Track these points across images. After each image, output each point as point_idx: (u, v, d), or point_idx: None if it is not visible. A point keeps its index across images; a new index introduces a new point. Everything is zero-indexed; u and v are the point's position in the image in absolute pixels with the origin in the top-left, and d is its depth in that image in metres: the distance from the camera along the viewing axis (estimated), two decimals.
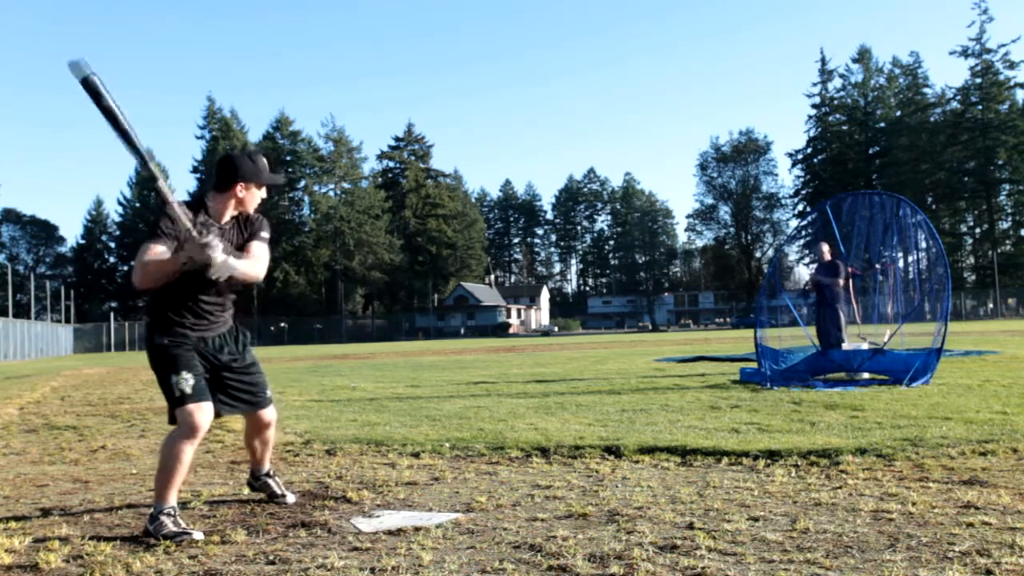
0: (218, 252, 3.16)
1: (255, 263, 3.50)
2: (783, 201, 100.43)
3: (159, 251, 3.29)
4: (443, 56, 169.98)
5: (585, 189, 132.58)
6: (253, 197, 3.63)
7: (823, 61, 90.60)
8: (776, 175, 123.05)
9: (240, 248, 3.56)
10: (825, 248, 10.72)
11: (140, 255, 3.30)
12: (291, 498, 3.95)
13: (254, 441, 3.92)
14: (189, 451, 3.37)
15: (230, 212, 3.59)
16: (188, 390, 3.39)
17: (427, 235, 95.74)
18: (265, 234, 3.66)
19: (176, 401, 3.39)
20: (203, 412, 3.40)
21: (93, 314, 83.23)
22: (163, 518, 3.27)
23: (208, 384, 3.51)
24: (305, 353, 34.33)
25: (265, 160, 3.69)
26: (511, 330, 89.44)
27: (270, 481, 3.99)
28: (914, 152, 79.99)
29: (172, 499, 3.35)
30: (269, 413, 3.83)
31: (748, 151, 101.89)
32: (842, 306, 10.66)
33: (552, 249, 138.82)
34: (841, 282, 10.61)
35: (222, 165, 3.57)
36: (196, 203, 3.50)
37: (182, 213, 3.20)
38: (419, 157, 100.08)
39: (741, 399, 7.64)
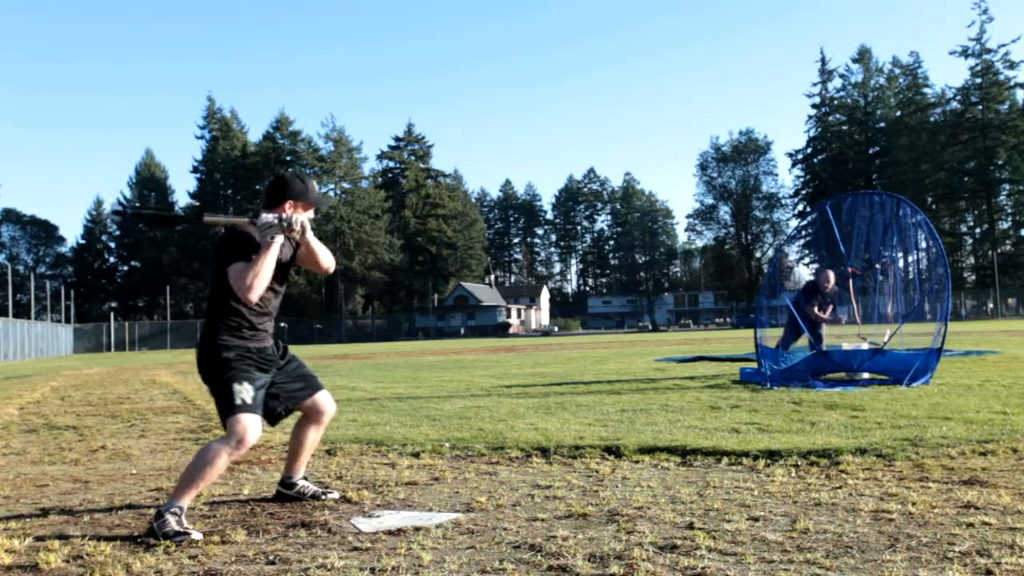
0: (298, 216, 3.56)
1: (325, 249, 3.86)
2: (783, 201, 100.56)
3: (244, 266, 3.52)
4: (443, 56, 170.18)
5: (585, 189, 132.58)
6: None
7: (823, 61, 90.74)
8: (776, 175, 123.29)
9: (292, 256, 3.80)
10: (831, 276, 10.49)
11: (240, 275, 3.46)
12: (335, 494, 3.97)
13: (306, 436, 3.92)
14: (226, 460, 3.41)
15: None
16: (249, 400, 3.48)
17: (427, 235, 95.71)
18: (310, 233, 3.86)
19: (234, 408, 3.45)
20: (254, 426, 3.46)
21: (93, 314, 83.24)
22: (168, 516, 3.29)
23: (265, 394, 3.63)
24: (305, 353, 34.27)
25: (315, 182, 3.87)
26: (511, 330, 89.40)
27: (308, 484, 3.99)
28: (914, 152, 79.97)
29: (185, 501, 3.38)
30: (326, 398, 3.93)
31: (748, 151, 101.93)
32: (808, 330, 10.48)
33: (552, 249, 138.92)
34: (826, 315, 10.47)
35: (273, 185, 3.72)
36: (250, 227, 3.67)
37: (241, 221, 3.59)
38: (419, 157, 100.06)
39: (741, 399, 7.63)
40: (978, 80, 78.05)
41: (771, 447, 4.85)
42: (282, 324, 75.29)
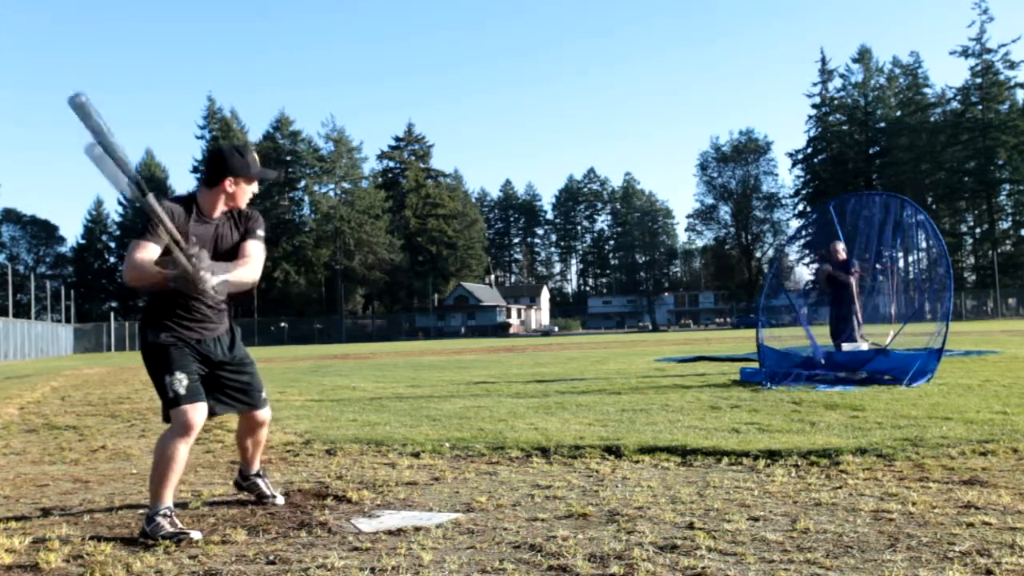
0: (209, 280, 3.15)
1: (250, 267, 3.47)
2: (783, 201, 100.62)
3: (149, 253, 3.25)
4: (443, 56, 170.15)
5: (585, 189, 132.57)
6: (244, 192, 3.56)
7: (823, 61, 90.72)
8: (776, 175, 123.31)
9: (235, 246, 3.54)
10: (840, 247, 10.65)
11: (131, 252, 3.26)
12: (280, 500, 3.92)
13: (246, 440, 3.90)
14: (184, 449, 3.37)
15: (221, 207, 3.54)
16: (182, 391, 3.38)
17: (427, 235, 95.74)
18: (261, 232, 3.62)
19: (170, 402, 3.40)
20: (197, 411, 3.39)
21: (93, 314, 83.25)
22: (160, 519, 3.26)
23: (203, 383, 3.50)
24: (305, 353, 34.32)
25: (255, 154, 3.65)
26: (511, 330, 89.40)
27: (259, 482, 3.96)
28: (914, 152, 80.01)
29: (168, 499, 3.34)
30: (264, 413, 3.81)
31: (748, 151, 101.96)
32: (855, 307, 10.64)
33: (552, 249, 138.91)
34: (855, 281, 10.63)
35: (210, 160, 3.53)
36: (187, 200, 3.47)
37: (174, 238, 3.15)
38: (419, 157, 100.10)
39: (741, 399, 7.63)
40: (978, 80, 78.04)
41: (771, 447, 4.85)
42: (283, 324, 75.35)
